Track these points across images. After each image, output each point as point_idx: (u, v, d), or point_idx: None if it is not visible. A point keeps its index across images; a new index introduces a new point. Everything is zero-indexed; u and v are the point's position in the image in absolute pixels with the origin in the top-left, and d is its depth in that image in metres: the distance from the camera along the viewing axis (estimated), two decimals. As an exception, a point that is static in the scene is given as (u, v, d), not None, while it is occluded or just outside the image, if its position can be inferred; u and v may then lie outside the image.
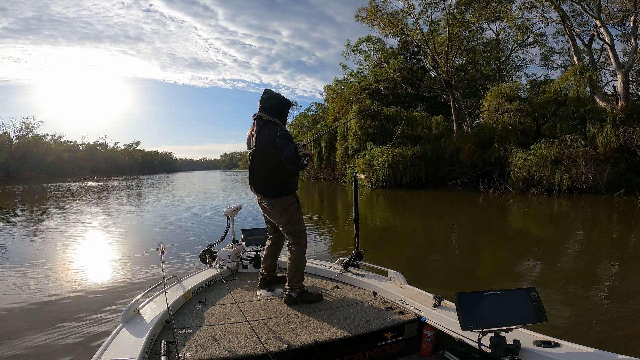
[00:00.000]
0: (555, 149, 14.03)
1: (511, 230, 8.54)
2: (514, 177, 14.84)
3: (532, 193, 13.99)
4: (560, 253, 6.12)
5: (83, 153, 70.12)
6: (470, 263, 5.66)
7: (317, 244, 6.87)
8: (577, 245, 6.83)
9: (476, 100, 23.38)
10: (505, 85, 19.96)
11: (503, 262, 5.74)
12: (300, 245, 2.55)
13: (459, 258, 5.97)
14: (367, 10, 24.06)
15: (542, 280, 4.75)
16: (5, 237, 8.38)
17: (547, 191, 13.94)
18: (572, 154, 13.81)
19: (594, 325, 3.28)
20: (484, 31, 25.59)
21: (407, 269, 5.24)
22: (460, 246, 6.94)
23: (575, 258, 5.91)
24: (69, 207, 15.13)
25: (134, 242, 7.52)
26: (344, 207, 13.07)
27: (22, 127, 57.37)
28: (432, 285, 4.44)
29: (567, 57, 25.74)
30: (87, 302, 3.99)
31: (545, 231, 8.22)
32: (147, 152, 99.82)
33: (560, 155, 13.92)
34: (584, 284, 4.54)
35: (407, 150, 18.62)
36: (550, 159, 13.91)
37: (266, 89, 2.57)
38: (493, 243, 7.20)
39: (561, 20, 18.61)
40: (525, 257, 5.98)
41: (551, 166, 13.85)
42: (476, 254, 6.29)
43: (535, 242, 7.03)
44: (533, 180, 14.27)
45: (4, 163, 48.52)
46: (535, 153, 14.29)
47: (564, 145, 14.15)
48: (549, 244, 6.89)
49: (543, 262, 5.62)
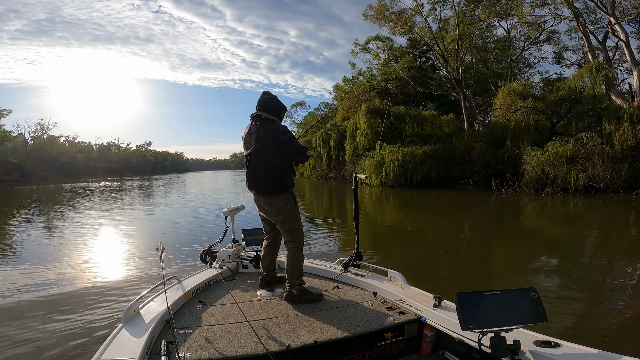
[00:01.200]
0: (570, 147, 13.72)
1: (524, 230, 8.36)
2: (527, 176, 14.56)
3: (547, 192, 13.70)
4: (574, 253, 5.97)
5: (97, 153, 71.56)
6: (482, 263, 5.56)
7: (327, 244, 6.82)
8: (592, 246, 6.64)
9: (488, 99, 23.05)
10: (517, 83, 19.60)
11: (515, 262, 5.63)
12: (297, 242, 2.57)
13: (470, 258, 5.87)
14: (374, 8, 23.94)
15: (553, 280, 4.65)
16: (8, 236, 8.57)
17: (563, 190, 13.64)
18: (589, 152, 13.48)
19: (603, 326, 3.20)
20: (494, 29, 25.26)
21: (416, 269, 5.24)
22: (471, 246, 6.83)
23: (590, 258, 5.76)
24: (80, 207, 15.43)
25: (138, 242, 7.55)
26: (353, 207, 12.99)
27: (37, 128, 58.81)
28: (441, 286, 4.39)
29: (581, 54, 25.26)
30: (87, 302, 3.99)
31: (560, 231, 8.04)
32: (158, 152, 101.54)
33: (576, 154, 13.61)
34: (597, 285, 4.42)
35: (417, 149, 18.45)
36: (566, 157, 13.61)
37: (265, 91, 2.61)
38: (505, 243, 7.05)
39: (574, 17, 18.23)
40: (538, 257, 5.84)
41: (567, 165, 13.55)
42: (488, 254, 6.17)
43: (549, 242, 6.88)
44: (548, 179, 13.98)
45: (19, 164, 49.82)
46: (550, 151, 14.01)
47: (579, 144, 13.84)
48: (564, 244, 6.73)
49: (556, 262, 5.49)
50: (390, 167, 18.16)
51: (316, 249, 6.44)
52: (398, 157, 18.09)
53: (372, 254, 5.90)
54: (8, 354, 2.90)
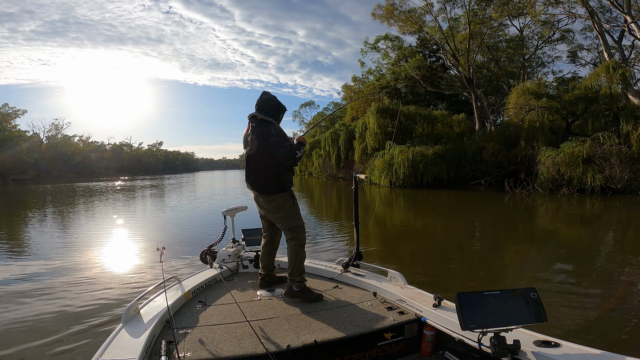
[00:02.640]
0: (587, 147, 13.40)
1: (538, 232, 8.18)
2: (542, 177, 14.26)
3: (562, 193, 13.40)
4: (587, 255, 5.82)
5: (109, 153, 72.75)
6: (492, 265, 5.45)
7: (334, 247, 6.63)
8: (608, 248, 6.46)
9: (500, 98, 22.70)
10: (532, 82, 19.24)
11: (526, 263, 5.51)
12: (298, 239, 2.58)
13: (482, 260, 5.75)
14: (383, 8, 23.80)
15: (563, 281, 4.56)
16: (10, 235, 8.74)
17: (579, 191, 13.32)
18: (605, 152, 13.16)
19: (611, 329, 3.13)
20: (506, 27, 24.86)
21: (424, 270, 5.12)
22: (482, 247, 6.72)
23: (604, 261, 5.61)
24: (90, 208, 15.66)
25: (140, 242, 7.53)
26: (362, 208, 12.88)
27: (51, 128, 60.22)
28: (449, 287, 4.31)
29: (596, 53, 24.72)
30: (87, 302, 3.96)
31: (576, 233, 7.85)
32: (169, 152, 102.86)
33: (593, 154, 13.28)
34: (611, 287, 4.31)
35: (427, 149, 18.26)
36: (582, 157, 13.29)
37: (265, 91, 2.62)
38: (517, 244, 6.90)
39: (589, 16, 17.84)
40: (550, 259, 5.71)
41: (583, 165, 13.23)
42: (500, 256, 6.04)
43: (563, 244, 6.73)
44: (563, 180, 13.68)
45: (34, 163, 50.99)
46: (566, 152, 13.70)
47: (596, 144, 13.51)
48: (578, 246, 6.58)
49: (567, 264, 5.37)
50: (401, 167, 18.01)
51: (323, 249, 6.36)
52: (408, 157, 17.93)
53: (380, 255, 5.81)
54: (8, 353, 2.90)
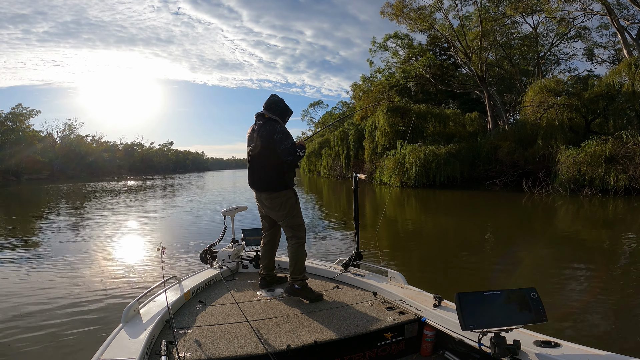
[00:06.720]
0: (609, 146, 12.82)
1: (556, 233, 7.82)
2: (562, 177, 13.71)
3: (584, 194, 12.83)
4: (606, 258, 5.52)
5: (122, 153, 73.78)
6: (507, 267, 5.18)
7: (341, 248, 6.36)
8: (628, 251, 6.13)
9: (515, 96, 22.11)
10: (549, 79, 18.65)
11: (540, 265, 5.27)
12: (299, 237, 2.60)
13: (492, 261, 5.52)
14: (392, 6, 23.39)
15: (576, 283, 4.41)
16: (13, 235, 8.70)
17: (602, 192, 12.74)
18: (629, 151, 12.56)
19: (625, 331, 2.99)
20: (519, 25, 24.18)
21: (433, 272, 4.92)
22: (494, 248, 6.50)
23: (623, 264, 5.32)
24: (101, 208, 15.71)
25: (141, 242, 7.50)
26: (372, 208, 12.57)
27: (64, 128, 61.34)
28: (457, 289, 4.03)
29: (612, 51, 23.94)
30: (87, 302, 3.96)
31: (597, 235, 7.49)
32: (180, 151, 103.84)
33: (616, 153, 12.70)
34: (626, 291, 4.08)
35: (440, 148, 17.81)
36: (605, 156, 12.71)
37: (273, 94, 2.71)
38: (533, 246, 6.54)
39: (607, 13, 17.22)
40: (570, 261, 5.45)
41: (605, 165, 12.64)
42: (513, 258, 5.73)
43: (583, 247, 6.44)
44: (584, 180, 13.11)
45: (48, 162, 52.00)
46: (587, 151, 13.14)
47: (619, 142, 12.92)
48: (597, 248, 6.29)
49: (587, 268, 5.10)
50: (412, 167, 17.61)
51: (330, 249, 6.26)
52: (420, 156, 17.51)
53: (386, 256, 5.55)
54: (8, 353, 2.89)
